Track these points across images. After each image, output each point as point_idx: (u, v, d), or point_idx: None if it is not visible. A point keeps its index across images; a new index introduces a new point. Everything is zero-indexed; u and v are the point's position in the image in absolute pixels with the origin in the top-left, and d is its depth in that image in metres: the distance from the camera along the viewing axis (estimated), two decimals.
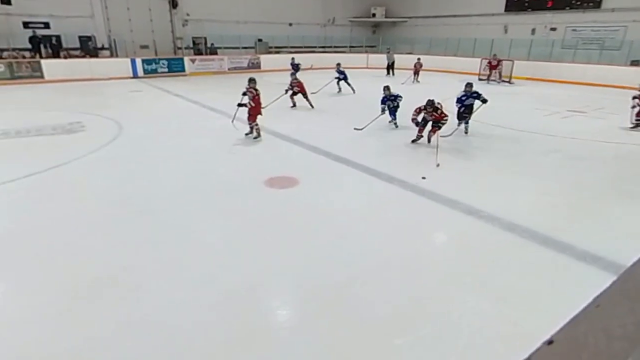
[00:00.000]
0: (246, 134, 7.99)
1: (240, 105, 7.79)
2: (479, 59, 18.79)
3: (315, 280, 3.50)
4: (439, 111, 7.18)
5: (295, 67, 15.75)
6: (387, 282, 3.48)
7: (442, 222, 4.68)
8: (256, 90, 7.70)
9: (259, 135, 7.87)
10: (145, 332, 2.88)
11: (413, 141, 7.59)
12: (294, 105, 11.08)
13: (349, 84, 13.93)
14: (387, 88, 8.77)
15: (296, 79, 11.02)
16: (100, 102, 12.32)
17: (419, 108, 7.29)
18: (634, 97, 9.26)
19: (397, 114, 8.90)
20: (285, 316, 3.22)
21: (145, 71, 18.62)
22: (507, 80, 17.37)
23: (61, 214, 4.73)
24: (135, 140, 8.00)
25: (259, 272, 3.61)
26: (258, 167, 6.43)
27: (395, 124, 8.93)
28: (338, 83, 13.99)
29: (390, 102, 8.72)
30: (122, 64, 18.15)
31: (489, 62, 17.71)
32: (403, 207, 5.00)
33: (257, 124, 7.81)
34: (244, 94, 7.79)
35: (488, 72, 17.77)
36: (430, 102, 7.13)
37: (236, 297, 3.27)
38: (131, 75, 18.24)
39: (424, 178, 5.15)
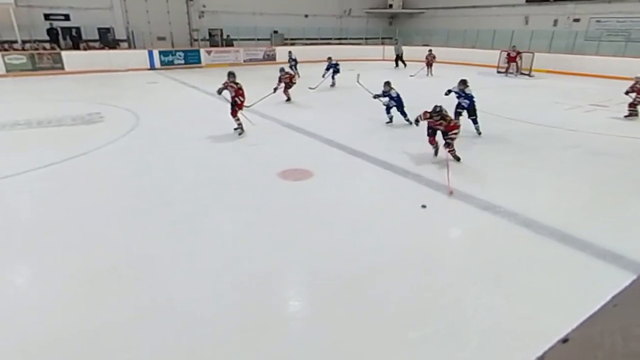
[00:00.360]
0: (235, 129, 7.75)
1: (245, 106, 7.63)
2: (498, 51, 18.37)
3: (328, 272, 3.52)
4: (447, 119, 5.97)
5: (294, 61, 15.51)
6: (400, 276, 3.47)
7: (456, 217, 4.64)
8: (237, 84, 7.49)
9: (242, 130, 7.68)
10: (161, 318, 2.95)
11: (435, 154, 6.43)
12: (288, 99, 10.89)
13: (332, 77, 13.45)
14: (387, 84, 8.34)
15: (287, 73, 10.74)
16: (118, 93, 12.53)
17: (427, 112, 6.15)
18: (627, 92, 9.04)
19: (405, 110, 8.45)
20: (298, 307, 3.25)
21: (162, 63, 18.81)
22: (527, 73, 16.96)
23: (80, 204, 4.85)
24: (152, 132, 8.12)
25: (273, 264, 3.65)
26: (272, 159, 6.46)
27: (408, 120, 8.45)
28: (333, 77, 13.47)
29: (392, 100, 8.29)
30: (139, 56, 18.37)
31: (508, 54, 17.29)
32: (417, 201, 4.96)
33: (238, 119, 7.61)
34: (222, 90, 7.51)
35: (506, 65, 17.36)
36: (437, 110, 5.91)
37: (250, 287, 3.31)
38: (148, 66, 18.46)
39: (424, 206, 4.66)
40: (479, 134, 7.81)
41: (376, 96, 8.55)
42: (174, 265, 3.62)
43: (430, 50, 17.26)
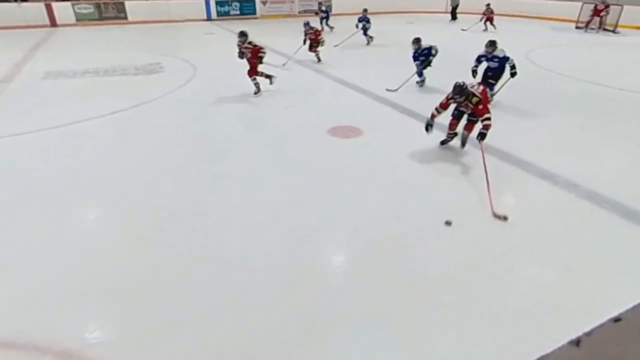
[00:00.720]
0: (256, 92, 7.38)
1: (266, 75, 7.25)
2: (580, 3, 16.37)
3: (372, 230, 3.55)
4: (474, 99, 4.56)
5: (325, 14, 14.42)
6: (446, 239, 3.42)
7: (511, 184, 4.42)
8: (250, 43, 7.05)
9: (258, 90, 7.36)
10: (211, 261, 3.18)
11: (442, 143, 5.26)
12: (319, 60, 9.97)
13: (364, 34, 12.19)
14: (416, 41, 7.47)
15: (311, 28, 9.76)
16: (176, 44, 12.86)
17: (447, 97, 4.76)
18: None
19: (424, 71, 7.63)
20: (340, 262, 3.34)
21: (219, 13, 18.87)
22: (611, 29, 15.07)
23: (142, 151, 5.18)
24: (207, 83, 8.32)
25: (318, 219, 3.73)
26: (323, 114, 6.43)
27: (421, 81, 7.76)
28: (365, 34, 12.23)
29: (424, 57, 7.49)
30: (197, 6, 18.53)
31: (595, 7, 15.27)
32: (471, 165, 4.76)
33: (255, 78, 7.30)
34: (241, 53, 7.05)
35: (589, 19, 15.45)
36: (460, 87, 4.56)
37: (294, 240, 3.44)
38: (205, 17, 18.62)
39: (448, 223, 3.59)
40: (490, 101, 6.66)
41: (418, 67, 7.66)
42: (224, 214, 3.81)
43: (488, 5, 15.62)
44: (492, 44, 6.58)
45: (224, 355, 2.41)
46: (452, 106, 4.89)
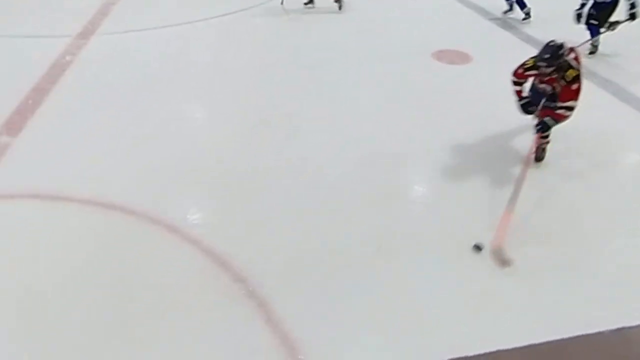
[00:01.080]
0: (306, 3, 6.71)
1: None
2: None
3: (461, 165, 3.43)
4: (569, 73, 2.98)
5: None
6: (537, 189, 3.11)
7: (629, 136, 3.83)
8: None
9: (340, 4, 6.64)
10: (300, 170, 3.38)
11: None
12: None
13: None
14: None
15: None
16: None
17: (524, 66, 3.28)
18: None
19: None
20: (422, 192, 3.33)
21: None
22: None
23: (243, 56, 5.29)
24: None
25: (406, 145, 3.68)
26: (430, 35, 5.85)
27: (526, 14, 6.10)
28: None
29: None
30: None
31: None
32: (596, 111, 3.98)
33: None
34: None
35: None
36: (553, 50, 2.95)
37: (381, 161, 3.45)
38: None
39: (478, 248, 2.66)
40: (592, 52, 5.07)
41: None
42: (314, 126, 3.91)
43: None
44: None
45: (299, 258, 2.65)
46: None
